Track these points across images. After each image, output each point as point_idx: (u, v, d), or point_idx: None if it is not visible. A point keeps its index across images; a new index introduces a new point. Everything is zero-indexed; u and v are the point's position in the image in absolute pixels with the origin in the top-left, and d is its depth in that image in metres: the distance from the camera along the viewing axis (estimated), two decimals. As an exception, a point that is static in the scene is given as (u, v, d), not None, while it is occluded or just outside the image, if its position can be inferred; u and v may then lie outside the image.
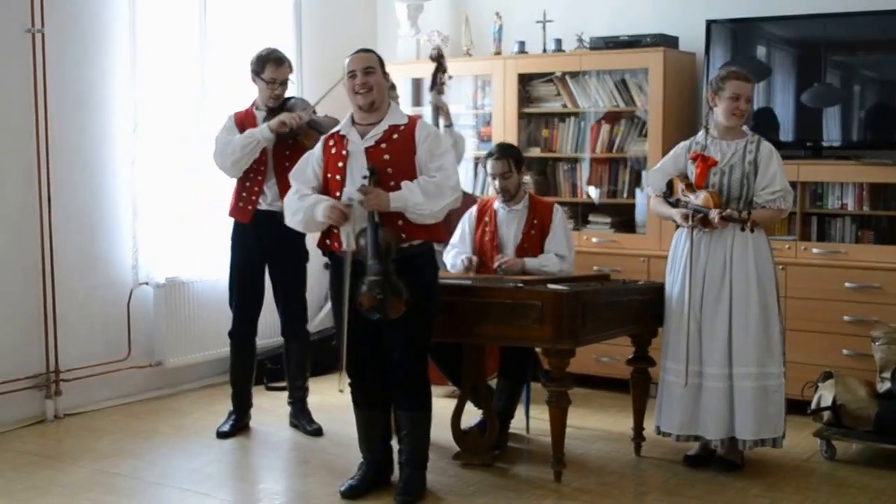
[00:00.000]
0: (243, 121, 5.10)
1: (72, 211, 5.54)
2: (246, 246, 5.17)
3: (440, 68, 5.86)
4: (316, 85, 6.17)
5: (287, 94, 5.19)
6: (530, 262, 4.93)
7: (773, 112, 5.85)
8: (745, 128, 4.66)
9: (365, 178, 4.09)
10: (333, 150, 4.25)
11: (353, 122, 4.26)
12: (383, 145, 4.17)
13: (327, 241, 4.27)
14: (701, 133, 4.69)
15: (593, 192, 6.29)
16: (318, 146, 4.36)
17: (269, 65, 5.07)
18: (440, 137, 4.31)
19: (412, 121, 4.27)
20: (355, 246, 4.13)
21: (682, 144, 4.75)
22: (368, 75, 4.19)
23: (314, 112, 5.14)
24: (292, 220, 4.31)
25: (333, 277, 4.32)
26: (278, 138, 5.00)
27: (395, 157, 4.15)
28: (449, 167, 4.22)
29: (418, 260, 4.21)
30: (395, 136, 4.19)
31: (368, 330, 4.19)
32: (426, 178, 4.14)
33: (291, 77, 5.21)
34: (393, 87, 4.99)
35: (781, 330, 4.60)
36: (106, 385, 5.73)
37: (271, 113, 5.08)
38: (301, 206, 4.24)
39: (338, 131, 4.31)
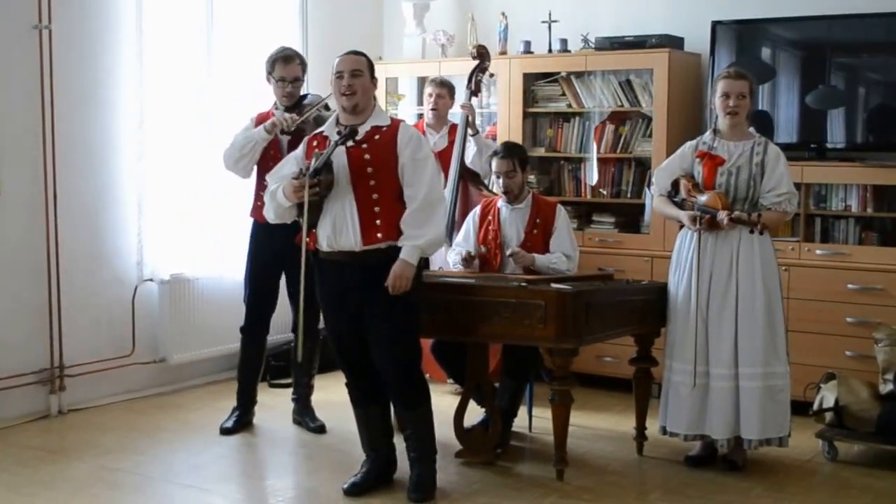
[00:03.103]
0: (262, 122, 5.10)
1: (77, 207, 5.56)
2: (262, 245, 5.17)
3: (480, 67, 5.86)
4: (321, 83, 6.13)
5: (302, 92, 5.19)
6: (540, 258, 4.93)
7: (776, 113, 5.85)
8: (751, 129, 4.67)
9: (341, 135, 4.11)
10: (317, 151, 4.24)
11: (338, 123, 4.28)
12: (364, 145, 4.17)
13: (307, 240, 4.25)
14: (708, 133, 4.69)
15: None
16: (301, 146, 4.38)
17: (278, 63, 5.09)
18: (422, 142, 4.29)
19: (395, 123, 4.29)
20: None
21: (689, 144, 4.75)
22: (355, 78, 4.20)
23: (326, 107, 5.13)
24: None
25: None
26: (293, 138, 4.98)
27: (376, 156, 4.15)
28: (428, 179, 4.17)
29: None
30: (377, 136, 4.20)
31: (354, 329, 4.21)
32: (410, 211, 4.12)
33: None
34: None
35: (784, 330, 4.61)
36: (110, 381, 5.74)
37: (287, 112, 5.07)
38: (268, 201, 4.28)
39: (321, 132, 4.33)
